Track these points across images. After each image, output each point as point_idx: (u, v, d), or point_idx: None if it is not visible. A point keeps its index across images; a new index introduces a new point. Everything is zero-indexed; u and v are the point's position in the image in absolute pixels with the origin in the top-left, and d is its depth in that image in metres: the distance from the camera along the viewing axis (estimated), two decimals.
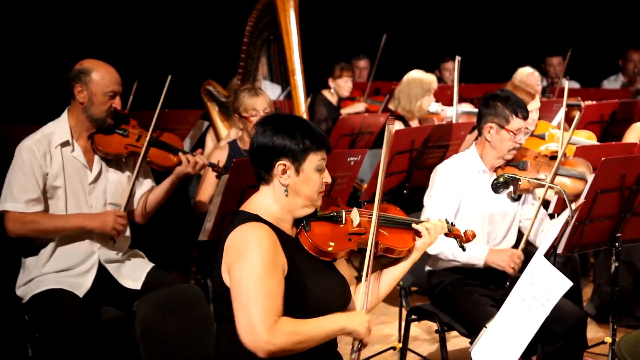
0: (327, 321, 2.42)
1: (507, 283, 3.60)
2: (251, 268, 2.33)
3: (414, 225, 2.71)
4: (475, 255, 3.58)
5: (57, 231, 3.46)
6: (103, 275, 3.56)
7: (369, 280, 2.56)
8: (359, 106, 7.04)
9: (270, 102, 4.38)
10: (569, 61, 7.17)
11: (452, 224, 2.86)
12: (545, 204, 4.02)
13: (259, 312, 2.29)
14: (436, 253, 3.62)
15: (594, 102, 5.74)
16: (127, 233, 3.69)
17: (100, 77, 3.47)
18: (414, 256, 2.72)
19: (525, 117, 3.63)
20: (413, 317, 3.85)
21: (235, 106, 4.38)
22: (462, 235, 2.88)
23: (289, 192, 2.48)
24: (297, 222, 2.55)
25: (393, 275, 2.73)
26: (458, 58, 5.34)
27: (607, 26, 9.22)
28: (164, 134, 3.80)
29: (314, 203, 2.53)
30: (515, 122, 3.61)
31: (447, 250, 3.58)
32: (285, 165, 2.46)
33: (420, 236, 2.71)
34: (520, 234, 3.79)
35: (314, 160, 2.48)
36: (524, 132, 3.66)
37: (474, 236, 2.88)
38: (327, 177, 2.53)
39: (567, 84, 4.27)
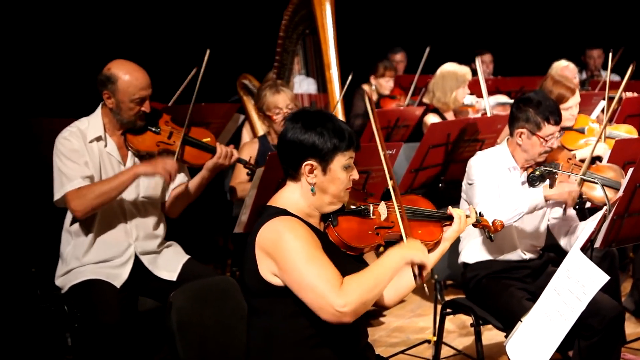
0: (386, 260, 2.43)
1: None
2: (296, 252, 2.36)
3: (448, 212, 2.70)
4: (532, 196, 3.47)
5: (116, 188, 3.42)
6: (139, 267, 3.60)
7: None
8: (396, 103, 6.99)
9: (293, 97, 4.37)
10: (614, 56, 7.05)
11: (480, 214, 2.85)
12: (581, 202, 3.96)
13: (323, 285, 2.32)
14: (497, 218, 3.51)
15: (635, 95, 5.64)
16: (162, 227, 3.72)
17: (127, 84, 3.44)
18: (443, 246, 2.71)
19: (557, 123, 3.57)
20: (448, 310, 3.84)
21: (259, 105, 4.39)
22: (491, 225, 2.86)
23: (316, 191, 2.48)
24: (324, 216, 2.56)
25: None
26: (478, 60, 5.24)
27: None
28: (194, 128, 3.78)
29: (341, 199, 2.53)
30: (547, 129, 3.55)
31: (506, 212, 3.45)
32: (312, 165, 2.46)
33: (450, 225, 2.70)
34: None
35: (341, 159, 2.48)
36: (555, 137, 3.60)
37: (502, 226, 2.86)
38: (354, 174, 2.52)
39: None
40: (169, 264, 3.66)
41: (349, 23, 6.66)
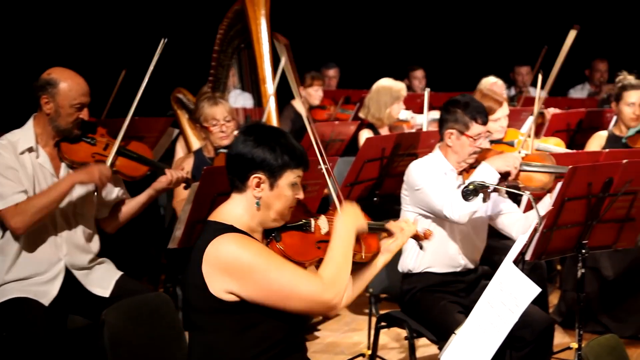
0: (340, 235, 2.51)
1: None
2: (264, 267, 2.36)
3: (387, 226, 2.73)
4: (484, 174, 3.54)
5: (56, 200, 3.36)
6: (70, 282, 3.51)
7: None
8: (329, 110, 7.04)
9: (230, 109, 4.37)
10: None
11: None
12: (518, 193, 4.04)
13: (307, 287, 2.36)
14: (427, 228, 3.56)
15: (559, 111, 5.81)
16: (95, 242, 3.65)
17: (68, 88, 3.41)
18: (385, 258, 2.72)
19: (484, 123, 3.67)
20: (382, 324, 3.87)
21: (196, 116, 4.37)
22: (422, 234, 2.88)
23: (261, 205, 2.47)
24: (267, 232, 2.55)
25: (362, 279, 2.72)
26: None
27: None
28: (132, 142, 3.76)
29: (284, 217, 2.53)
30: (475, 128, 3.64)
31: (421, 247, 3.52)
32: (260, 178, 2.45)
33: (391, 237, 2.72)
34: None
35: (290, 176, 2.47)
36: (484, 136, 3.69)
37: (430, 235, 2.87)
38: (300, 194, 2.52)
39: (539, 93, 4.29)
40: (102, 280, 3.58)
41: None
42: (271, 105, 4.98)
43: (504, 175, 3.63)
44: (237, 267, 2.35)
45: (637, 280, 4.72)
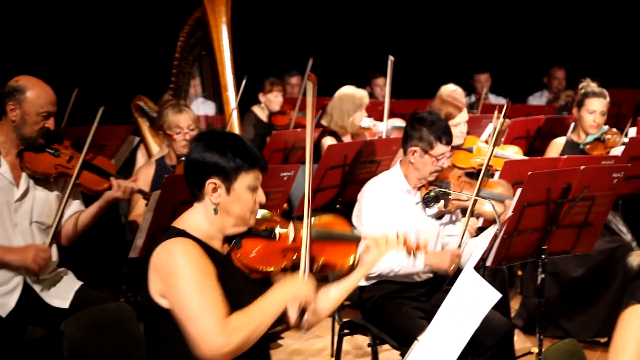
0: (273, 297, 2.40)
1: (447, 285, 3.62)
2: (187, 280, 2.31)
3: (363, 239, 2.69)
4: (412, 262, 3.53)
5: None
6: (29, 294, 3.46)
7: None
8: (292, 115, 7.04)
9: (195, 118, 4.34)
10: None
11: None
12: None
13: (208, 320, 2.27)
14: (377, 274, 3.61)
15: (511, 119, 5.86)
16: (54, 254, 3.60)
17: (35, 96, 3.38)
18: (363, 271, 2.68)
19: (448, 143, 3.66)
20: (345, 331, 3.87)
21: (159, 123, 4.34)
22: (413, 247, 2.81)
23: (219, 211, 2.44)
24: (229, 238, 2.52)
25: (340, 291, 2.69)
26: (391, 58, 5.36)
27: (532, 43, 9.49)
28: (97, 157, 3.73)
29: (246, 222, 2.49)
30: (439, 148, 3.63)
31: (385, 267, 3.58)
32: (215, 183, 2.43)
33: (368, 250, 2.68)
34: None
35: (246, 179, 2.44)
36: (446, 157, 3.70)
37: (425, 246, 2.83)
38: (260, 197, 2.48)
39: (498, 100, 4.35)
40: (61, 291, 3.53)
41: (246, 45, 6.67)
42: (233, 113, 4.96)
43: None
44: (170, 270, 2.33)
45: (596, 285, 4.79)
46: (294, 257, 2.54)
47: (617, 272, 4.79)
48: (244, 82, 4.32)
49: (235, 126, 4.87)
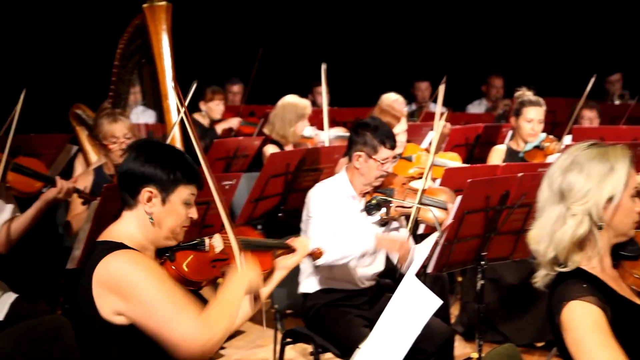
0: (232, 288, 2.42)
1: (398, 275, 3.65)
2: (149, 288, 2.27)
3: (289, 242, 2.73)
4: (364, 239, 3.59)
5: None
6: None
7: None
8: (233, 121, 7.02)
9: (131, 127, 4.30)
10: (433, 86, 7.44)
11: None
12: (415, 227, 4.13)
13: (185, 320, 2.26)
14: (323, 263, 3.56)
15: (450, 126, 5.95)
16: None
17: None
18: (280, 274, 2.72)
19: (393, 147, 3.72)
20: (288, 340, 3.86)
21: (95, 133, 4.29)
22: (313, 252, 2.90)
23: (154, 222, 2.42)
24: (160, 252, 2.49)
25: (264, 291, 2.68)
26: (324, 66, 5.38)
27: (471, 53, 9.66)
28: (26, 159, 3.66)
29: (176, 237, 2.47)
30: (383, 152, 3.69)
31: (335, 254, 3.55)
32: (152, 192, 2.40)
33: (285, 253, 2.72)
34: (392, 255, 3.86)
35: (183, 193, 2.43)
36: (391, 161, 3.74)
37: (322, 253, 2.92)
38: (193, 213, 2.47)
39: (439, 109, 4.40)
40: None
41: (188, 53, 6.62)
42: (174, 121, 4.91)
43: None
44: (126, 283, 2.28)
45: (533, 290, 4.86)
46: (224, 267, 2.57)
47: None
48: (194, 86, 4.26)
49: (177, 134, 4.81)
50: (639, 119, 7.30)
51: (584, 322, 2.20)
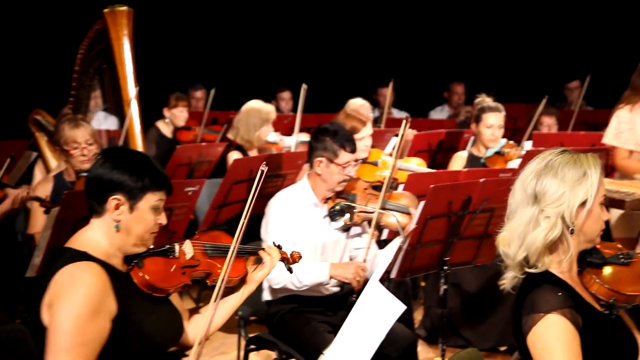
0: None
1: (354, 296, 3.66)
2: (72, 312, 2.24)
3: (260, 253, 2.70)
4: (317, 273, 3.60)
5: None
6: None
7: (214, 312, 2.53)
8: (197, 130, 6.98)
9: (93, 133, 4.26)
10: (394, 91, 7.48)
11: (278, 245, 2.90)
12: (379, 232, 4.15)
13: None
14: (281, 286, 3.62)
15: (415, 132, 5.99)
16: None
17: None
18: (250, 289, 2.69)
19: (353, 151, 3.73)
20: (252, 346, 3.84)
21: (56, 138, 4.24)
22: (289, 257, 2.91)
23: (121, 229, 2.40)
24: (128, 258, 2.48)
25: (229, 305, 2.68)
26: (304, 87, 5.42)
27: (433, 58, 9.74)
28: None
29: (145, 243, 2.46)
30: (344, 156, 3.69)
31: (288, 281, 3.59)
32: (119, 200, 2.39)
33: (259, 263, 2.69)
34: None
35: (151, 199, 2.42)
36: (352, 165, 3.75)
37: (300, 257, 2.91)
38: (162, 219, 2.47)
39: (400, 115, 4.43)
40: None
41: (150, 59, 6.58)
42: (136, 127, 4.87)
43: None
44: (59, 291, 2.27)
45: (495, 294, 4.91)
46: (194, 274, 2.55)
47: None
48: (136, 89, 4.23)
49: (137, 140, 4.78)
50: (596, 124, 7.44)
51: (557, 341, 2.22)
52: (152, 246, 2.51)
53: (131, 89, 4.85)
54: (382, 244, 4.14)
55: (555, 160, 2.33)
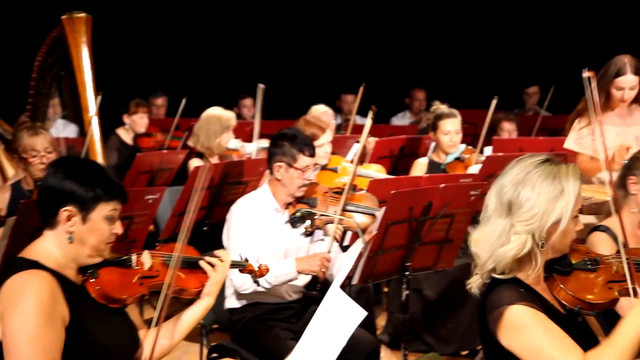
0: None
1: (318, 286, 3.66)
2: (26, 321, 2.21)
3: (200, 264, 2.64)
4: (285, 271, 3.58)
5: None
6: None
7: (160, 326, 2.49)
8: (158, 135, 6.92)
9: (52, 140, 4.22)
10: (361, 98, 7.51)
11: (246, 259, 2.87)
12: (342, 235, 4.15)
13: None
14: (250, 291, 3.59)
15: (376, 139, 6.02)
16: None
17: None
18: (208, 301, 2.63)
19: (312, 155, 3.74)
20: (214, 355, 3.81)
21: (14, 147, 4.19)
22: (257, 270, 2.90)
23: (74, 240, 2.37)
24: (83, 269, 2.44)
25: (191, 317, 2.64)
26: (261, 86, 5.40)
27: (395, 65, 9.80)
28: None
29: (101, 254, 2.43)
30: (303, 160, 3.71)
31: (257, 285, 3.54)
32: (71, 211, 2.35)
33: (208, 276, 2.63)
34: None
35: (104, 209, 2.38)
36: (312, 169, 3.76)
37: (267, 270, 2.91)
38: (117, 228, 2.43)
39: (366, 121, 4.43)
40: None
41: (110, 66, 6.52)
42: (95, 135, 4.82)
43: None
44: (9, 301, 2.24)
45: (456, 300, 4.95)
46: (151, 285, 2.52)
47: None
48: (99, 98, 4.19)
49: (97, 148, 4.73)
50: (555, 130, 7.54)
51: (533, 325, 2.22)
52: (108, 256, 2.48)
53: (92, 103, 4.79)
54: (344, 250, 4.15)
55: (535, 172, 2.30)
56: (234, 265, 2.81)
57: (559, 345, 2.20)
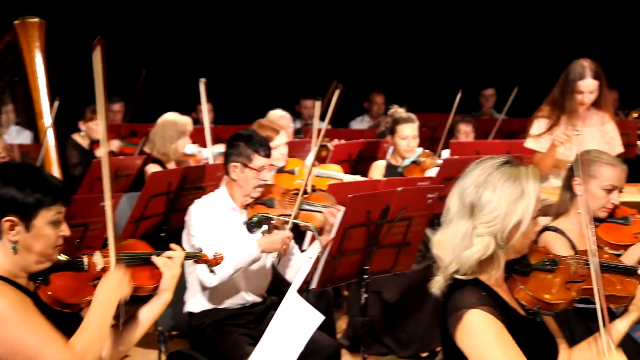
0: (101, 303, 2.37)
1: (278, 260, 3.73)
2: (14, 321, 2.20)
3: (152, 259, 2.59)
4: (247, 251, 3.56)
5: None
6: None
7: (120, 327, 2.48)
8: (114, 143, 6.86)
9: (5, 147, 4.16)
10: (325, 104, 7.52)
11: (200, 249, 2.85)
12: (301, 237, 4.16)
13: (54, 351, 2.21)
14: (217, 283, 3.54)
15: (341, 142, 6.06)
16: None
17: None
18: (165, 298, 2.59)
19: (267, 155, 3.75)
20: None
21: None
22: (212, 258, 2.87)
23: (19, 249, 2.32)
24: (33, 275, 2.40)
25: (149, 314, 2.59)
26: (203, 80, 5.37)
27: (353, 70, 9.83)
28: None
29: (50, 258, 2.38)
30: (258, 160, 3.71)
31: (223, 275, 3.51)
32: (13, 221, 2.30)
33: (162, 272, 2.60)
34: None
35: (47, 215, 2.33)
36: (267, 169, 3.77)
37: (222, 258, 2.90)
38: (64, 231, 2.39)
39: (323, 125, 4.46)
40: None
41: (65, 71, 6.43)
42: (50, 140, 4.75)
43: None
44: None
45: (415, 302, 4.98)
46: None
47: None
48: (56, 103, 4.13)
49: (52, 155, 4.65)
50: (512, 132, 7.65)
51: (487, 332, 2.23)
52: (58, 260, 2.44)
53: (47, 108, 4.71)
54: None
55: (496, 174, 2.32)
56: (188, 256, 2.78)
57: (506, 356, 2.22)
